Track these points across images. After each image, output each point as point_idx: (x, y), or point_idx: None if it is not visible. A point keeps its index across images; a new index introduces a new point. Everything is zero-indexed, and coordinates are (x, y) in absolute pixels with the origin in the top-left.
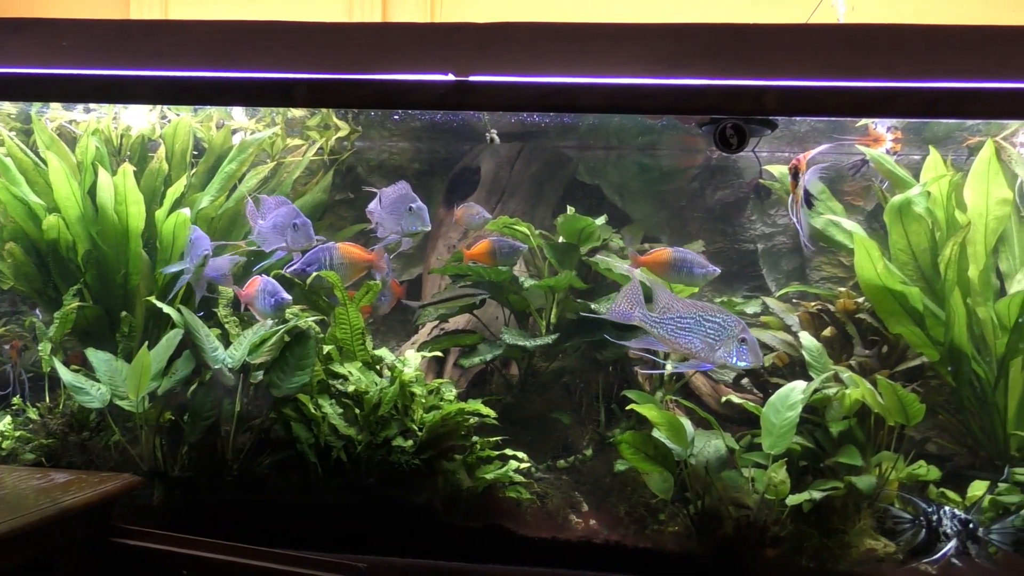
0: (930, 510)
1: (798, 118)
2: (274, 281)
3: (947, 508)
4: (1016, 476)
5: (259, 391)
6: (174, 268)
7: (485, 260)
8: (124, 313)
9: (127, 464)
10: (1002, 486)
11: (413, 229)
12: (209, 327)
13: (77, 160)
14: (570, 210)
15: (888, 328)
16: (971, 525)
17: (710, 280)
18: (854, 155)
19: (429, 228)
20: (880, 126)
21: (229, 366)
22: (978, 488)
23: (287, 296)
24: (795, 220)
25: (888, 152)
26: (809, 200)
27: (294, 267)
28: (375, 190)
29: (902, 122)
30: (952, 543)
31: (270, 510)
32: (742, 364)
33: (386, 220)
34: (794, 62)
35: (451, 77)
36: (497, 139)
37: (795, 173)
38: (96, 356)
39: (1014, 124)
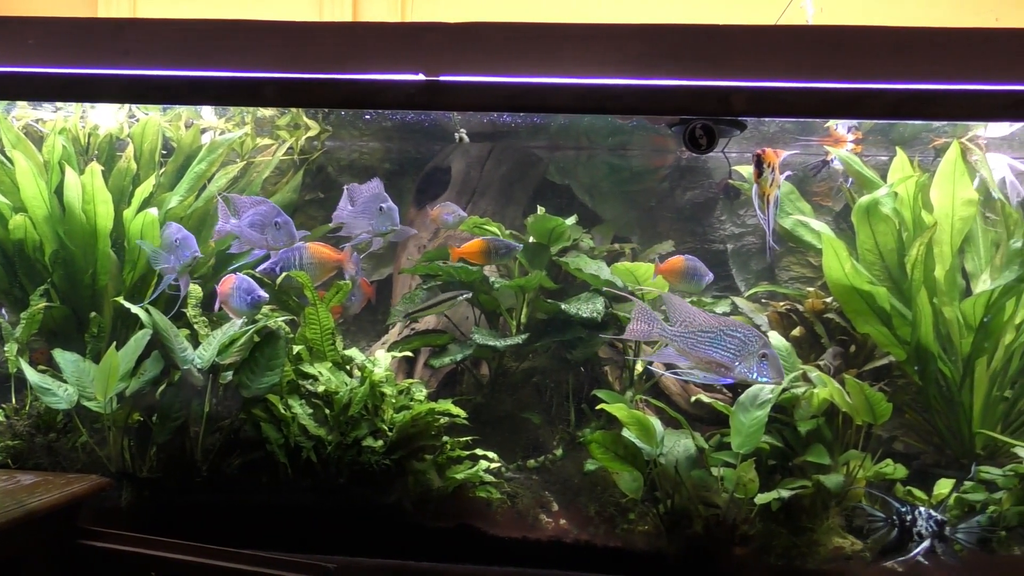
0: (904, 510)
1: (767, 119)
2: (249, 279)
3: (922, 509)
4: (982, 474)
5: (229, 392)
6: (164, 266)
7: (478, 259)
8: (92, 314)
9: (95, 465)
10: (968, 484)
11: (383, 228)
12: (178, 327)
13: (44, 159)
14: (540, 210)
15: (856, 328)
16: (946, 526)
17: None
18: (817, 155)
19: (399, 227)
20: (841, 127)
21: (198, 366)
22: (944, 486)
23: (264, 294)
24: (757, 210)
25: (828, 161)
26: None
27: (264, 267)
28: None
29: (863, 123)
30: (925, 543)
31: (240, 511)
32: (763, 380)
33: (358, 219)
34: (763, 63)
35: (421, 77)
36: (466, 138)
37: (759, 163)
38: (63, 357)
39: (979, 125)
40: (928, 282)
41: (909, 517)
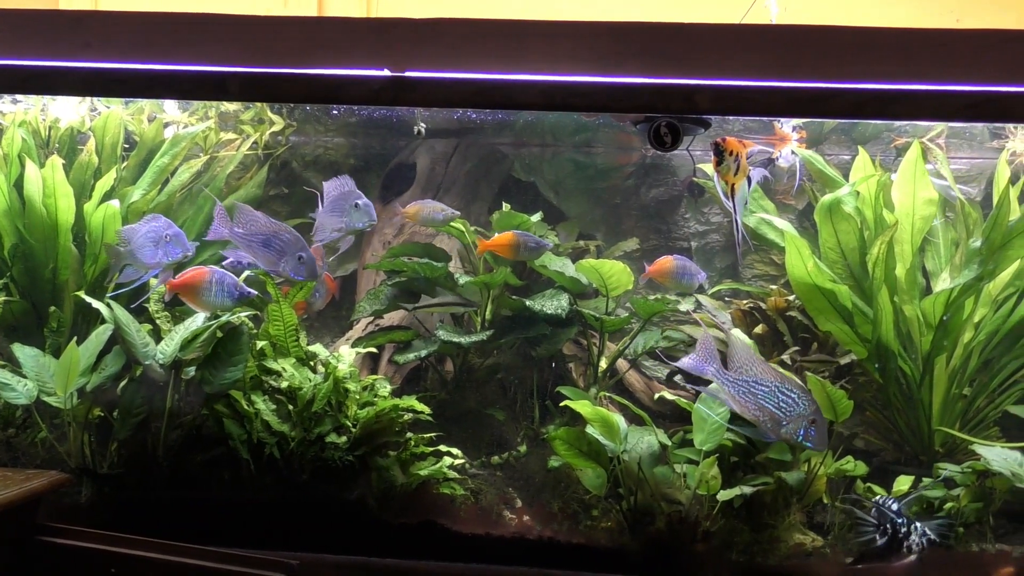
0: (900, 521)
1: (731, 117)
2: (227, 272)
3: (918, 524)
4: (940, 471)
5: (191, 387)
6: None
7: (505, 253)
8: (52, 308)
9: (54, 461)
10: (926, 481)
11: (360, 226)
12: (140, 322)
13: (3, 152)
14: (505, 207)
15: (818, 326)
16: (940, 530)
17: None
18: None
19: (376, 223)
20: (786, 125)
21: (160, 362)
22: (903, 483)
23: (251, 290)
24: (723, 196)
25: (792, 152)
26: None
27: (230, 261)
28: (314, 190)
29: (808, 122)
30: (912, 556)
31: (202, 507)
32: (808, 445)
33: (329, 218)
34: (727, 62)
35: (387, 72)
36: (424, 131)
37: (717, 151)
38: (23, 352)
39: (940, 125)
40: (889, 280)
41: (903, 530)
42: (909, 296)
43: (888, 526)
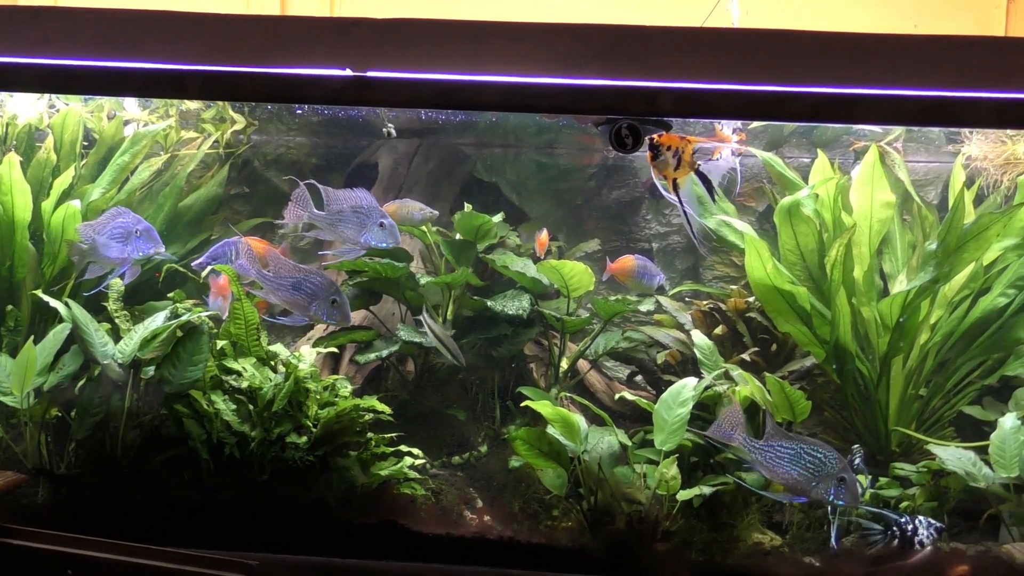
0: (903, 520)
1: (692, 119)
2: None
3: (921, 518)
4: (896, 471)
5: (150, 387)
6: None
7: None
8: (10, 307)
9: (10, 462)
10: (882, 480)
11: (380, 245)
12: (99, 321)
13: None
14: (467, 207)
15: (777, 327)
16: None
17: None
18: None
19: (398, 244)
20: (726, 127)
21: (119, 361)
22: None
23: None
24: (662, 191)
25: (734, 153)
26: (711, 191)
27: (199, 261)
28: (320, 186)
29: (766, 124)
30: (927, 549)
31: (161, 508)
32: (839, 503)
33: (347, 231)
34: (688, 64)
35: (348, 72)
36: (394, 132)
37: (651, 147)
38: None
39: (898, 129)
40: (847, 282)
41: (909, 527)
42: (867, 298)
43: (894, 527)
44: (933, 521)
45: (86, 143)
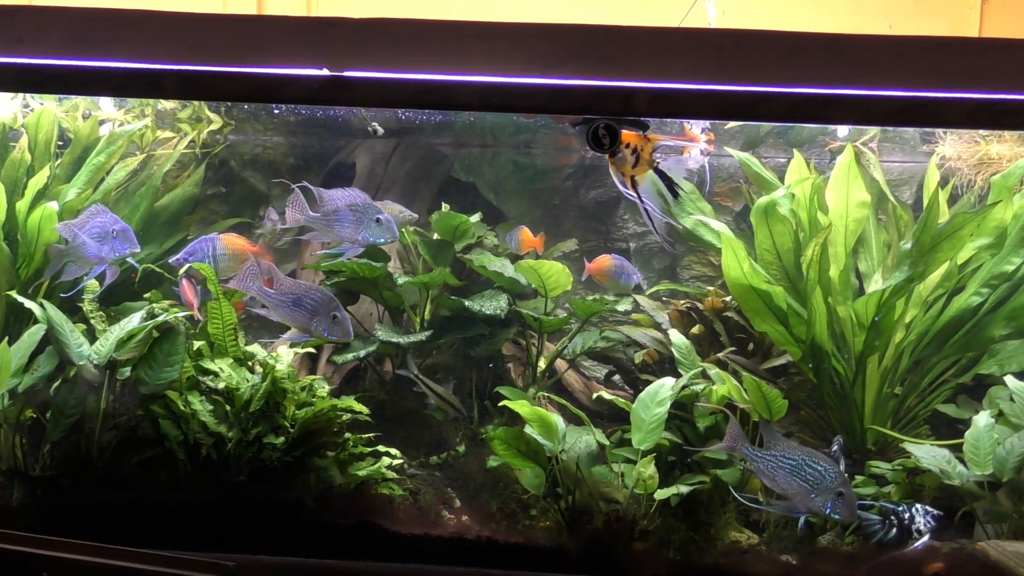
0: (900, 509)
1: (669, 119)
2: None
3: (918, 506)
4: (872, 469)
5: (126, 388)
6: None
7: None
8: None
9: None
10: (858, 478)
11: (379, 241)
12: (74, 322)
13: None
14: (445, 207)
15: (753, 326)
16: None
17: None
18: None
19: (397, 239)
20: (696, 127)
21: (95, 362)
22: None
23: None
24: (620, 187)
25: (702, 152)
26: (672, 189)
27: (176, 258)
28: (312, 188)
29: (743, 124)
30: (925, 537)
31: (137, 509)
32: (836, 517)
33: (344, 230)
34: (664, 64)
35: (325, 72)
36: (380, 130)
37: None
38: None
39: (873, 129)
40: (823, 282)
41: (906, 516)
42: (843, 297)
43: (893, 517)
44: (930, 509)
45: (61, 143)
